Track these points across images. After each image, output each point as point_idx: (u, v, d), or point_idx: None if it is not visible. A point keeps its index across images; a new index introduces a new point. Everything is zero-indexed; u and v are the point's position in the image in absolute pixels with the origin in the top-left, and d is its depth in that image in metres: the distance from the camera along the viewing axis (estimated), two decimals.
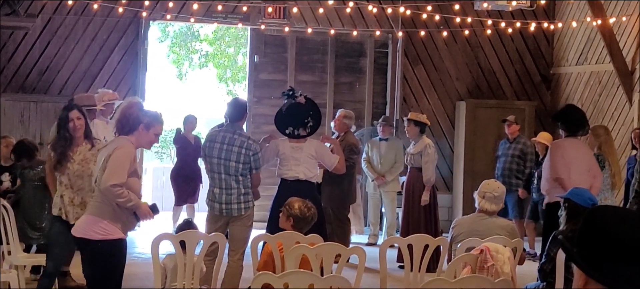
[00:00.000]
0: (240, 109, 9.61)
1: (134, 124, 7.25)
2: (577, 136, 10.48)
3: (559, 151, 10.26)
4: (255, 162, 9.32)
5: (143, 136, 7.30)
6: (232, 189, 9.25)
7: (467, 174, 16.61)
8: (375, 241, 14.99)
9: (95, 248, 7.12)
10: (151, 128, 7.30)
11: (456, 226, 8.23)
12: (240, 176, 9.27)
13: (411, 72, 17.13)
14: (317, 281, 6.14)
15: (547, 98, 17.58)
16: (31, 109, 15.27)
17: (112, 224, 7.09)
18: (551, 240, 7.80)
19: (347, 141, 13.08)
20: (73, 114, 8.80)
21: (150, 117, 7.32)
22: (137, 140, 7.30)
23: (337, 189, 12.76)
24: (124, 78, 16.05)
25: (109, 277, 7.21)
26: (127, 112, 7.30)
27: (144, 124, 7.26)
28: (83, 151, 8.85)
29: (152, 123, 7.31)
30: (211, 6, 16.11)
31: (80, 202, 8.76)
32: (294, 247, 7.31)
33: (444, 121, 17.24)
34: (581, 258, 2.91)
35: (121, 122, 7.31)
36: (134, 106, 7.37)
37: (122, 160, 7.07)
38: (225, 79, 29.02)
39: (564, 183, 10.01)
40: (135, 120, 7.25)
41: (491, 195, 8.09)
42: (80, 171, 8.78)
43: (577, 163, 10.13)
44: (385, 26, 16.79)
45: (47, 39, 15.80)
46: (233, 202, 9.26)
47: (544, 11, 16.95)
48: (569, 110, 10.92)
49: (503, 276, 6.90)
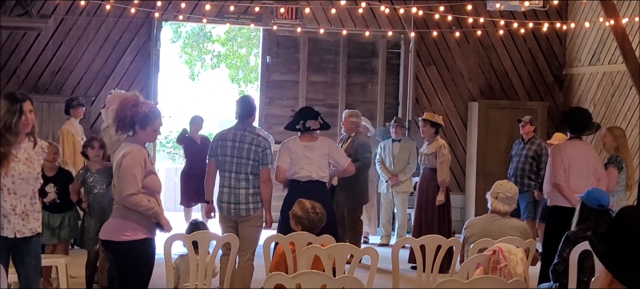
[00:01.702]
0: (248, 106, 9.59)
1: (129, 125, 7.24)
2: (582, 137, 10.44)
3: (558, 155, 10.20)
4: (264, 158, 9.28)
5: (141, 135, 7.27)
6: (240, 189, 9.20)
7: (479, 175, 16.58)
8: (387, 241, 14.98)
9: (122, 249, 7.16)
10: (147, 126, 7.25)
11: (469, 226, 8.22)
12: (250, 175, 9.22)
13: (423, 72, 17.12)
14: (330, 281, 6.13)
15: (560, 99, 17.54)
16: (44, 110, 15.28)
17: (137, 224, 7.11)
18: (563, 240, 7.79)
19: (359, 141, 13.06)
20: (26, 106, 7.28)
21: (143, 116, 7.24)
22: (140, 137, 7.29)
23: (351, 190, 12.74)
24: (137, 79, 16.08)
25: (137, 277, 7.23)
26: (120, 115, 7.26)
27: (139, 124, 7.23)
28: (27, 148, 7.34)
29: (146, 122, 7.24)
30: (223, 7, 16.13)
31: (22, 212, 7.26)
32: (306, 248, 7.31)
33: (457, 122, 17.22)
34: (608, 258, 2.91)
35: (120, 120, 7.28)
36: (126, 107, 7.29)
37: (131, 167, 7.07)
38: (238, 80, 29.01)
39: (561, 189, 9.99)
40: (130, 121, 7.23)
41: (504, 196, 8.08)
42: (27, 172, 7.24)
43: (578, 166, 10.06)
44: (397, 27, 16.78)
45: (59, 39, 15.83)
46: (241, 202, 9.22)
47: (557, 11, 16.92)
48: (574, 111, 10.91)
49: (516, 277, 6.88)
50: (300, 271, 6.74)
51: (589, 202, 7.79)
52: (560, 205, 10.01)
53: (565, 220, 8.78)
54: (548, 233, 10.25)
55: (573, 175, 10.01)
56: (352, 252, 7.66)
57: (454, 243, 8.48)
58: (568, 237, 7.77)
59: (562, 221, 9.49)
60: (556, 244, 7.94)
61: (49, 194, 10.17)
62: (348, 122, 13.25)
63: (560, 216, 9.82)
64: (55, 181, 10.29)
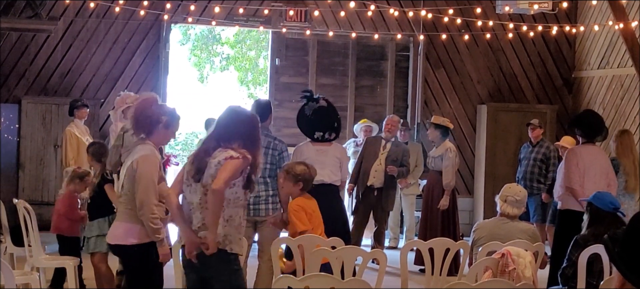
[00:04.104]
0: (264, 110, 9.60)
1: (153, 124, 7.16)
2: (594, 142, 10.43)
3: (574, 159, 10.18)
4: (281, 161, 9.25)
5: (162, 135, 7.24)
6: (259, 193, 9.09)
7: (488, 178, 16.57)
8: (396, 244, 14.98)
9: (131, 252, 7.14)
10: (170, 127, 7.26)
11: (477, 230, 8.21)
12: (268, 178, 9.17)
13: (432, 75, 17.11)
14: (338, 284, 6.12)
15: (569, 102, 17.52)
16: (53, 112, 15.33)
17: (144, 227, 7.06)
18: (573, 244, 7.78)
19: (404, 147, 13.59)
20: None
21: (169, 116, 7.24)
22: (156, 140, 7.23)
23: (394, 191, 13.43)
24: (146, 81, 16.09)
25: (148, 279, 7.21)
26: (146, 112, 7.18)
27: (164, 124, 7.19)
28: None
29: (171, 122, 7.25)
30: (232, 9, 16.14)
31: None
32: (315, 250, 7.31)
33: (465, 125, 17.21)
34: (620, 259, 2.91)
35: (140, 121, 7.17)
36: (152, 104, 7.27)
37: (149, 174, 7.01)
38: (247, 82, 29.02)
39: (575, 194, 9.96)
40: (155, 120, 7.16)
41: (513, 199, 8.06)
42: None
43: (593, 171, 10.06)
44: (406, 29, 16.78)
45: (69, 42, 15.86)
46: (261, 203, 9.18)
47: (566, 15, 16.88)
48: (588, 115, 10.89)
49: (524, 280, 6.88)
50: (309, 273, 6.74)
51: (604, 206, 7.77)
52: (573, 209, 9.99)
53: (577, 224, 8.76)
54: (558, 236, 10.24)
55: (588, 179, 10.00)
56: (360, 255, 7.66)
57: (463, 246, 8.47)
58: (577, 241, 7.75)
59: (573, 224, 9.48)
60: (566, 247, 7.93)
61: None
62: (392, 125, 13.44)
63: (572, 220, 9.80)
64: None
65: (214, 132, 6.64)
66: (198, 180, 6.44)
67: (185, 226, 6.54)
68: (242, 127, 6.60)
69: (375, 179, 12.94)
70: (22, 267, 9.92)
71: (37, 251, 9.73)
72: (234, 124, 6.62)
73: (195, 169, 6.48)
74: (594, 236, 7.63)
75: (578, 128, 10.43)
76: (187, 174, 6.54)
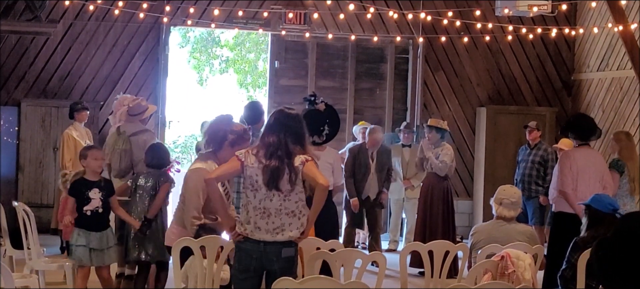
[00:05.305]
0: (256, 112, 9.65)
1: (221, 141, 7.67)
2: (589, 143, 10.43)
3: (567, 162, 10.17)
4: None
5: (227, 152, 7.58)
6: None
7: (487, 180, 16.56)
8: (395, 247, 14.97)
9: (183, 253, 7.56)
10: (235, 146, 7.55)
11: (475, 233, 8.21)
12: None
13: (432, 78, 17.11)
14: (338, 286, 6.12)
15: (568, 104, 17.52)
16: (52, 115, 15.32)
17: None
18: (572, 246, 7.77)
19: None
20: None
21: (236, 135, 7.69)
22: (222, 156, 7.62)
23: (385, 194, 13.75)
24: (145, 84, 16.10)
25: None
26: (216, 127, 7.76)
27: (229, 142, 7.64)
28: None
29: (237, 142, 7.63)
30: (232, 12, 16.14)
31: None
32: (315, 253, 7.31)
33: (465, 127, 17.20)
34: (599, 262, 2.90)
35: (210, 136, 7.77)
36: (224, 122, 7.79)
37: (195, 188, 7.55)
38: (246, 85, 29.03)
39: (568, 197, 9.96)
40: (222, 137, 7.67)
41: (508, 201, 8.07)
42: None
43: (587, 174, 10.05)
44: (405, 32, 16.78)
45: (68, 44, 15.86)
46: None
47: (565, 17, 16.89)
48: (578, 118, 10.92)
49: (524, 283, 6.88)
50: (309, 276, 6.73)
51: (603, 208, 7.76)
52: (565, 211, 10.01)
53: (570, 226, 8.78)
54: (552, 238, 10.27)
55: (581, 182, 9.99)
56: (360, 257, 7.66)
57: (462, 249, 8.47)
58: (576, 243, 7.74)
59: (566, 227, 9.51)
60: (560, 249, 7.93)
61: (92, 200, 9.24)
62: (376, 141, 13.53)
63: (565, 222, 9.85)
64: (100, 187, 9.32)
65: (281, 137, 6.74)
66: (275, 187, 6.68)
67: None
68: (300, 128, 6.93)
69: (370, 191, 13.28)
70: (21, 270, 9.92)
71: (36, 253, 9.73)
72: (298, 126, 6.91)
73: (273, 178, 6.68)
74: (593, 238, 7.62)
75: (571, 132, 10.45)
76: (254, 182, 6.72)
